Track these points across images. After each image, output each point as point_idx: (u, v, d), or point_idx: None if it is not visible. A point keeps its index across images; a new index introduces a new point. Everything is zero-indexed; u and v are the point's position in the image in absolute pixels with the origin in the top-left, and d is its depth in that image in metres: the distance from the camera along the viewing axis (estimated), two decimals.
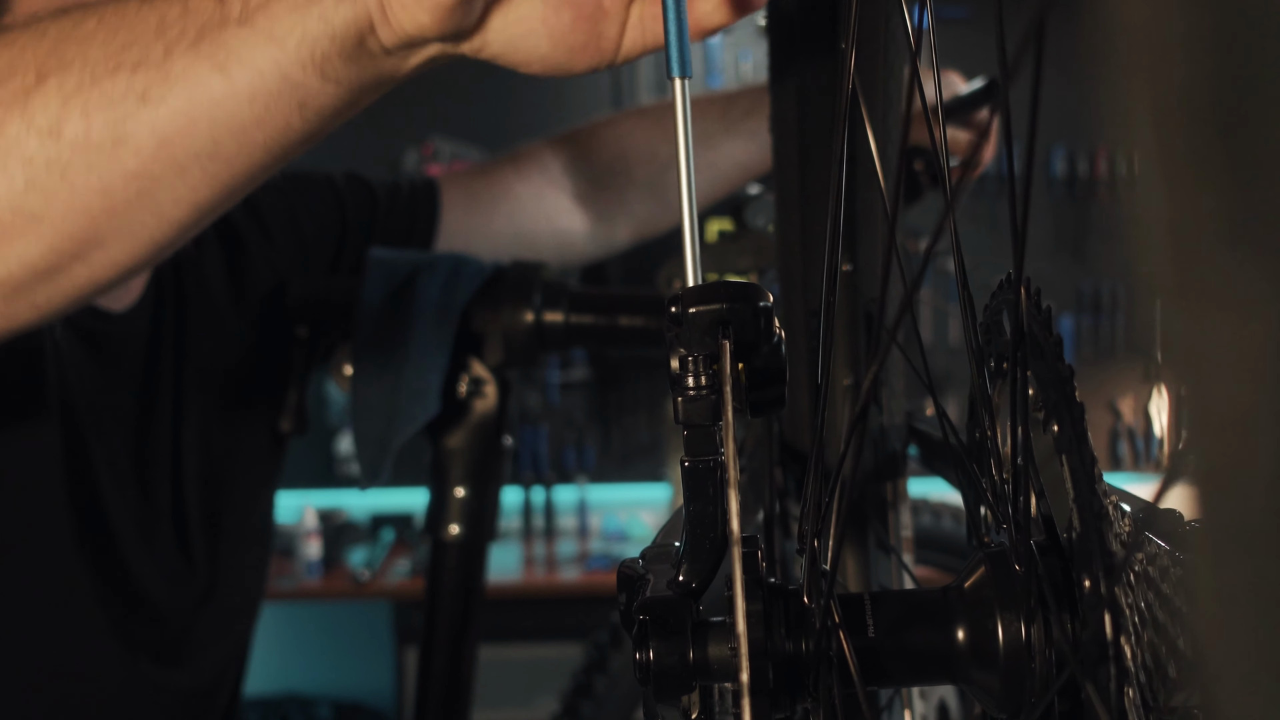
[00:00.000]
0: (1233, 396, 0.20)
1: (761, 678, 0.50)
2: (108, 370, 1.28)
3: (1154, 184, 0.22)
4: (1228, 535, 0.21)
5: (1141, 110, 0.21)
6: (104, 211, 0.84)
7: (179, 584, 1.35)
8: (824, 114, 0.88)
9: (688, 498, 0.52)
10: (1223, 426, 0.21)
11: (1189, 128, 0.20)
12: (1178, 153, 0.21)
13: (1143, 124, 0.21)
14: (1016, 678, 0.50)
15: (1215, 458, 0.21)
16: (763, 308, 0.52)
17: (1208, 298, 0.21)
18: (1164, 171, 0.21)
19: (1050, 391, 0.49)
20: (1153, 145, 0.21)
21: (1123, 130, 0.22)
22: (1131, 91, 0.22)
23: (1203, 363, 0.21)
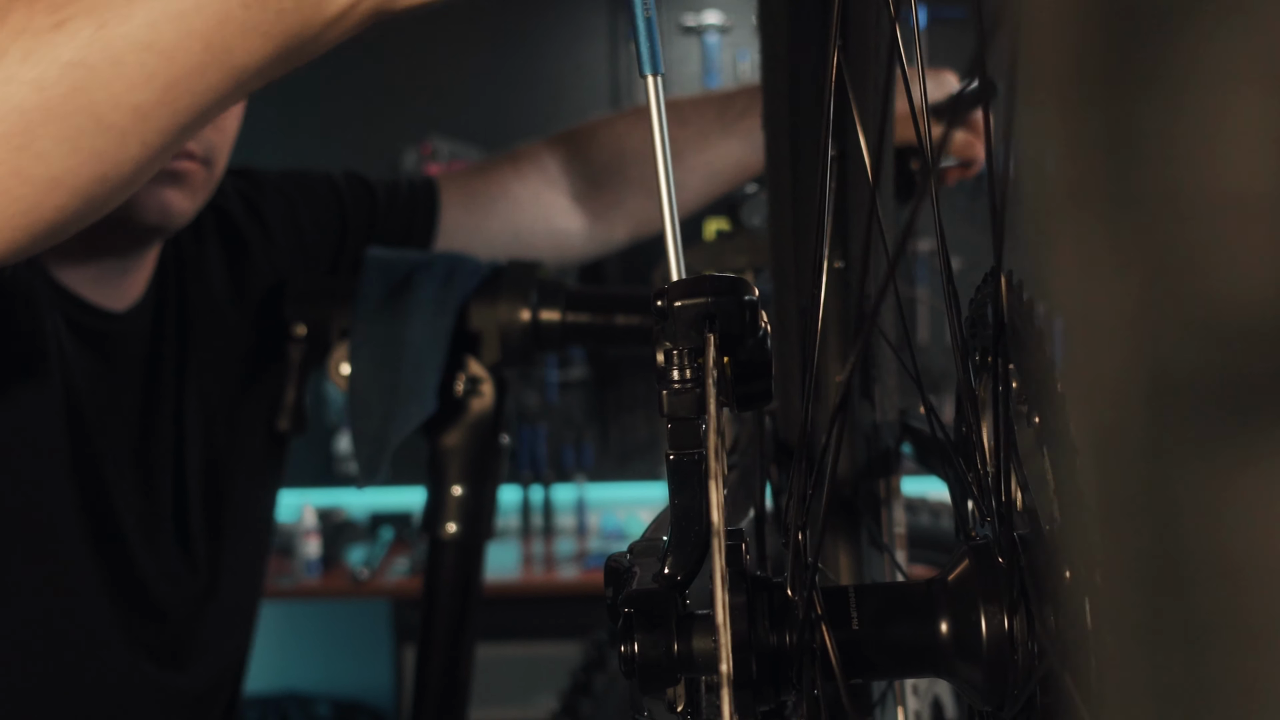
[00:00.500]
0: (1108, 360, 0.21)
1: (744, 670, 0.51)
2: (110, 370, 1.28)
3: (1041, 150, 0.22)
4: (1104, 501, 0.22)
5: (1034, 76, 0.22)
6: (39, 109, 0.79)
7: (181, 583, 1.36)
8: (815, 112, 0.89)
9: (673, 491, 0.53)
10: (1098, 390, 0.21)
11: (1076, 96, 0.21)
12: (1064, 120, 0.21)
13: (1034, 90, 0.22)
14: (999, 670, 0.50)
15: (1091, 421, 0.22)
16: (748, 301, 0.52)
17: (1087, 262, 0.21)
18: (1051, 138, 0.22)
19: (1031, 383, 0.49)
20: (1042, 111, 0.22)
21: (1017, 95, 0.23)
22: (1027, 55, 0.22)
23: (1081, 326, 0.22)
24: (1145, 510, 0.21)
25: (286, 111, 4.26)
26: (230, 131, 1.29)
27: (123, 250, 1.27)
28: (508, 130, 4.06)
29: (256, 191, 1.50)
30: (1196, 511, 0.20)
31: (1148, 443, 0.20)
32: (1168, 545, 0.20)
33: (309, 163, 1.73)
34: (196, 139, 1.22)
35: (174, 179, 1.22)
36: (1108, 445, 0.21)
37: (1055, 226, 0.22)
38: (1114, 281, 0.20)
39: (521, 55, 4.52)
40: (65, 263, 1.24)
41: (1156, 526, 0.20)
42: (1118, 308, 0.20)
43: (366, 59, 4.41)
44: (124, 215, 1.20)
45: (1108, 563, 0.22)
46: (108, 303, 1.28)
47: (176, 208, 1.23)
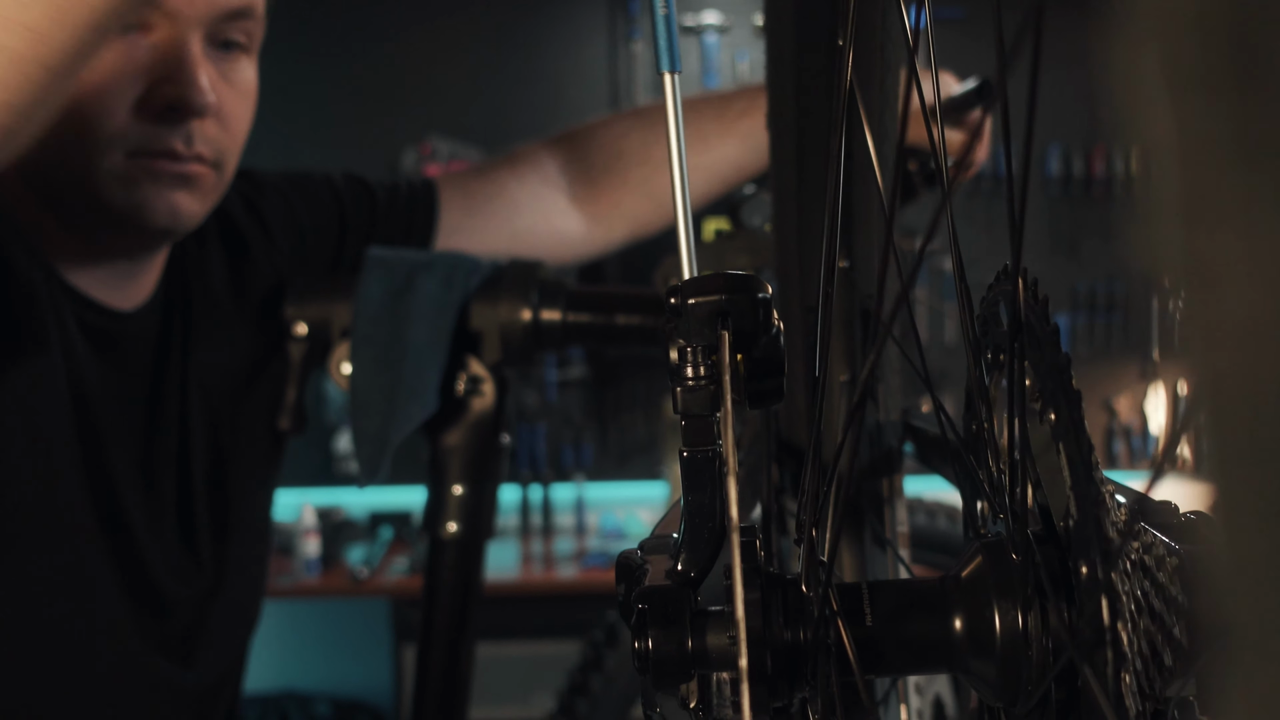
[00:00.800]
0: (1242, 309, 0.21)
1: (760, 666, 0.51)
2: (117, 369, 1.29)
3: (1165, 97, 0.22)
4: (1238, 447, 0.21)
5: (1153, 25, 0.22)
6: None
7: (186, 580, 1.36)
8: (821, 112, 0.89)
9: (686, 488, 0.53)
10: (1233, 339, 0.21)
11: (1201, 40, 0.20)
12: (1190, 65, 0.21)
13: (1154, 37, 0.22)
14: (1014, 666, 0.50)
15: (1226, 369, 0.21)
16: (761, 299, 0.52)
17: (1218, 210, 0.21)
18: (1175, 85, 0.21)
19: (1047, 380, 0.49)
20: (1165, 59, 0.21)
21: (1135, 45, 0.22)
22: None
23: (1212, 276, 0.21)
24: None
25: (286, 111, 4.26)
26: (240, 136, 1.29)
27: (132, 252, 1.28)
28: (507, 130, 4.07)
29: (257, 192, 1.50)
30: None
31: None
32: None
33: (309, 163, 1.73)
34: (208, 143, 1.22)
35: (184, 182, 1.22)
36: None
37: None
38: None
39: (521, 55, 4.52)
40: (76, 263, 1.25)
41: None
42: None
43: (366, 59, 4.42)
44: (135, 217, 1.21)
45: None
46: (117, 303, 1.29)
47: (186, 210, 1.24)
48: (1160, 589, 0.47)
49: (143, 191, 1.20)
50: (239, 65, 1.27)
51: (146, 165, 1.19)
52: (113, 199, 1.19)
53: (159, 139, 1.19)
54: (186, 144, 1.21)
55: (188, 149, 1.21)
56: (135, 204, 1.20)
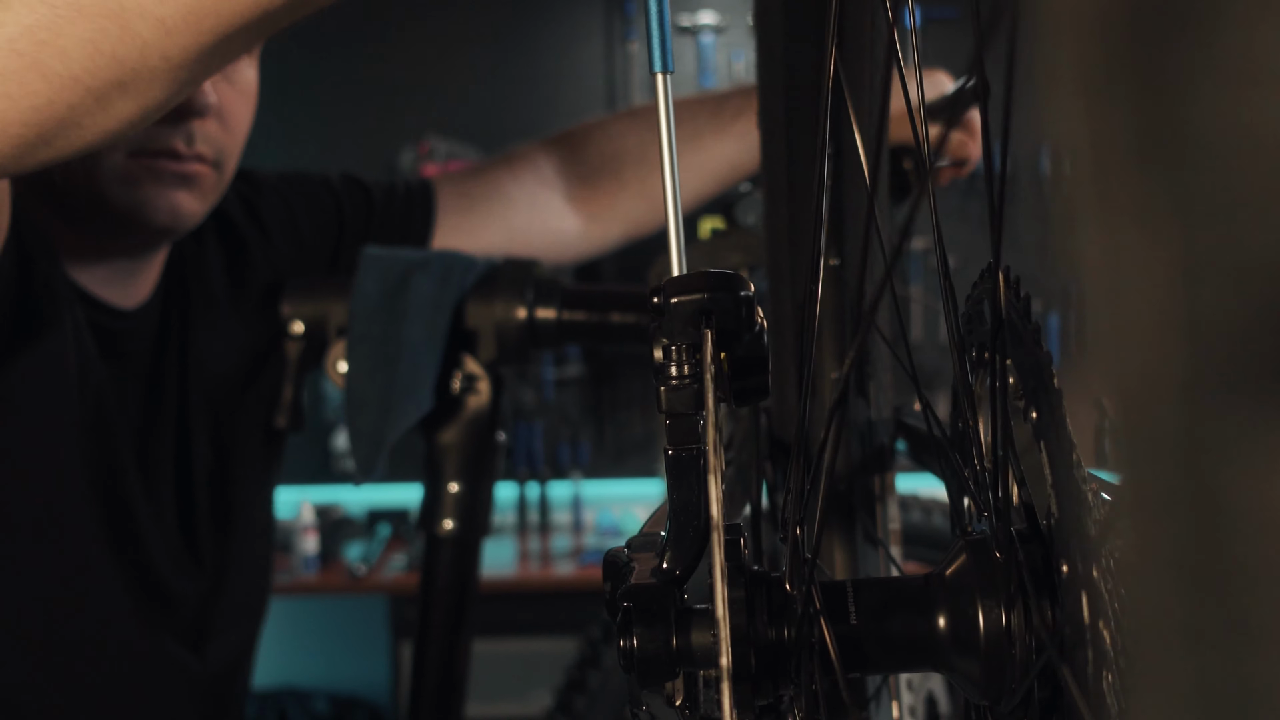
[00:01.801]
0: (1144, 310, 0.21)
1: (743, 664, 0.51)
2: (119, 366, 1.30)
3: (1069, 100, 0.22)
4: (1141, 450, 0.22)
5: (1057, 24, 0.22)
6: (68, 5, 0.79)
7: (188, 577, 1.37)
8: (810, 110, 0.89)
9: (671, 486, 0.53)
10: (1135, 340, 0.21)
11: (1103, 42, 0.21)
12: (1092, 68, 0.21)
13: (1058, 38, 0.22)
14: (997, 664, 0.50)
15: (1128, 372, 0.22)
16: (744, 297, 0.52)
17: (1120, 213, 0.21)
18: (1078, 88, 0.21)
19: (1029, 378, 0.49)
20: (1068, 60, 0.22)
21: (1041, 45, 0.23)
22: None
23: (1116, 277, 0.22)
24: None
25: (284, 111, 4.26)
26: (241, 136, 1.30)
27: (133, 251, 1.29)
28: (504, 129, 4.07)
29: (254, 193, 1.51)
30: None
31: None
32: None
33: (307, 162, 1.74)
34: (209, 143, 1.23)
35: (185, 182, 1.23)
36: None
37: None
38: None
39: (518, 55, 4.52)
40: (80, 261, 1.26)
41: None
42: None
43: (364, 59, 4.42)
44: (136, 216, 1.21)
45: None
46: (118, 301, 1.30)
47: (187, 209, 1.24)
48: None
49: (144, 190, 1.21)
50: (240, 65, 1.28)
51: (148, 164, 1.20)
52: (114, 198, 1.20)
53: (160, 138, 1.20)
54: (187, 143, 1.21)
55: (189, 148, 1.22)
56: (136, 203, 1.21)
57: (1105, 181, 0.21)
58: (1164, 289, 0.20)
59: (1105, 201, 0.21)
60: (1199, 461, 0.20)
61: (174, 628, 1.35)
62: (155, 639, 1.32)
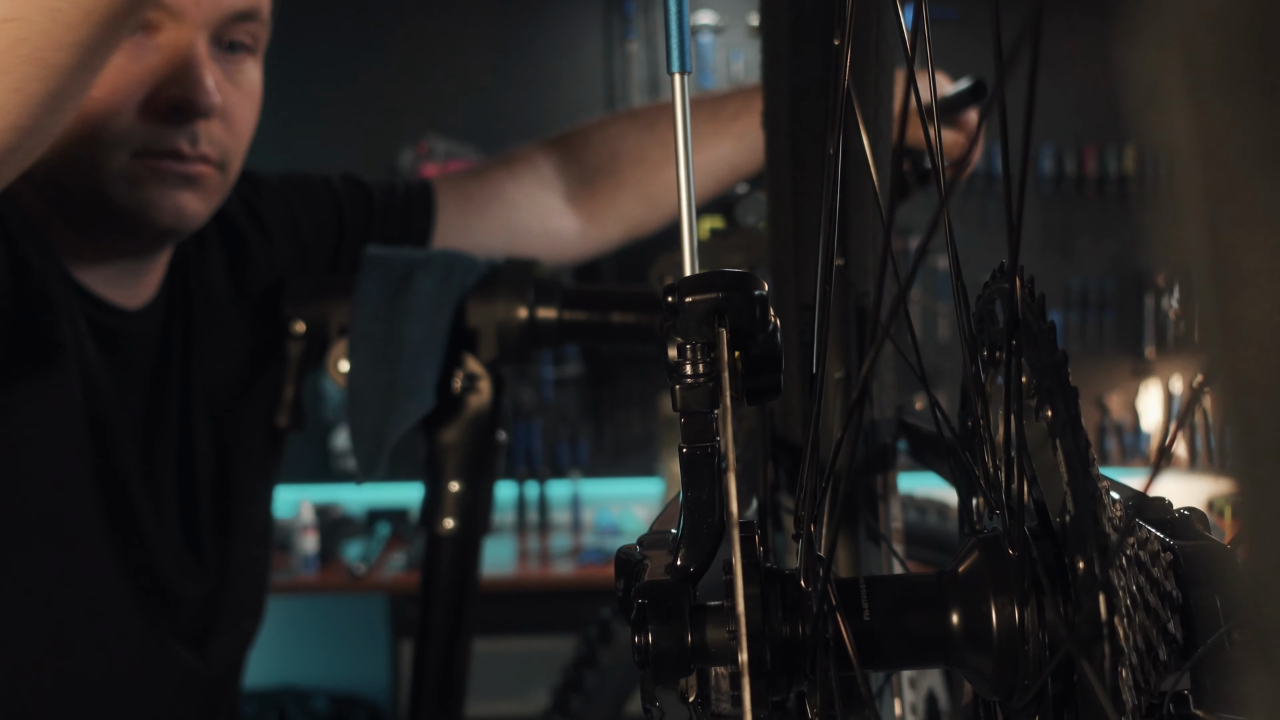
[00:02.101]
0: (1266, 310, 0.21)
1: (759, 660, 0.51)
2: (121, 367, 1.30)
3: (1187, 103, 0.22)
4: (1262, 447, 0.22)
5: (1172, 28, 0.22)
6: None
7: (190, 579, 1.37)
8: (816, 111, 0.89)
9: (685, 484, 0.53)
10: (1257, 339, 0.21)
11: (1222, 45, 0.21)
12: (1209, 71, 0.21)
13: (1173, 42, 0.22)
14: (1010, 660, 0.51)
15: (1251, 371, 0.21)
16: (758, 296, 0.53)
17: (1240, 214, 0.21)
18: (1196, 91, 0.21)
19: (1044, 376, 0.50)
20: (1184, 66, 0.22)
21: (1156, 51, 0.22)
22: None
23: (1235, 277, 0.21)
24: None
25: (284, 112, 4.25)
26: (245, 137, 1.30)
27: (138, 251, 1.29)
28: (503, 130, 4.08)
29: (255, 193, 1.51)
30: None
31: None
32: None
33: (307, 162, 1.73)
34: (213, 144, 1.23)
35: (189, 182, 1.23)
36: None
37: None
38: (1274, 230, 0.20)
39: (518, 56, 4.53)
40: (83, 262, 1.26)
41: None
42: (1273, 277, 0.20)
43: (364, 59, 4.42)
44: (140, 217, 1.21)
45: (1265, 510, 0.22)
46: (122, 301, 1.30)
47: (191, 210, 1.24)
48: (1156, 584, 0.47)
49: (148, 191, 1.20)
50: (244, 67, 1.28)
51: (152, 165, 1.20)
52: (118, 198, 1.20)
53: (164, 139, 1.20)
54: (191, 144, 1.21)
55: (193, 149, 1.22)
56: (140, 203, 1.21)
57: (1223, 184, 0.21)
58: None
59: (1223, 204, 0.21)
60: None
61: (177, 629, 1.35)
62: (159, 641, 1.32)
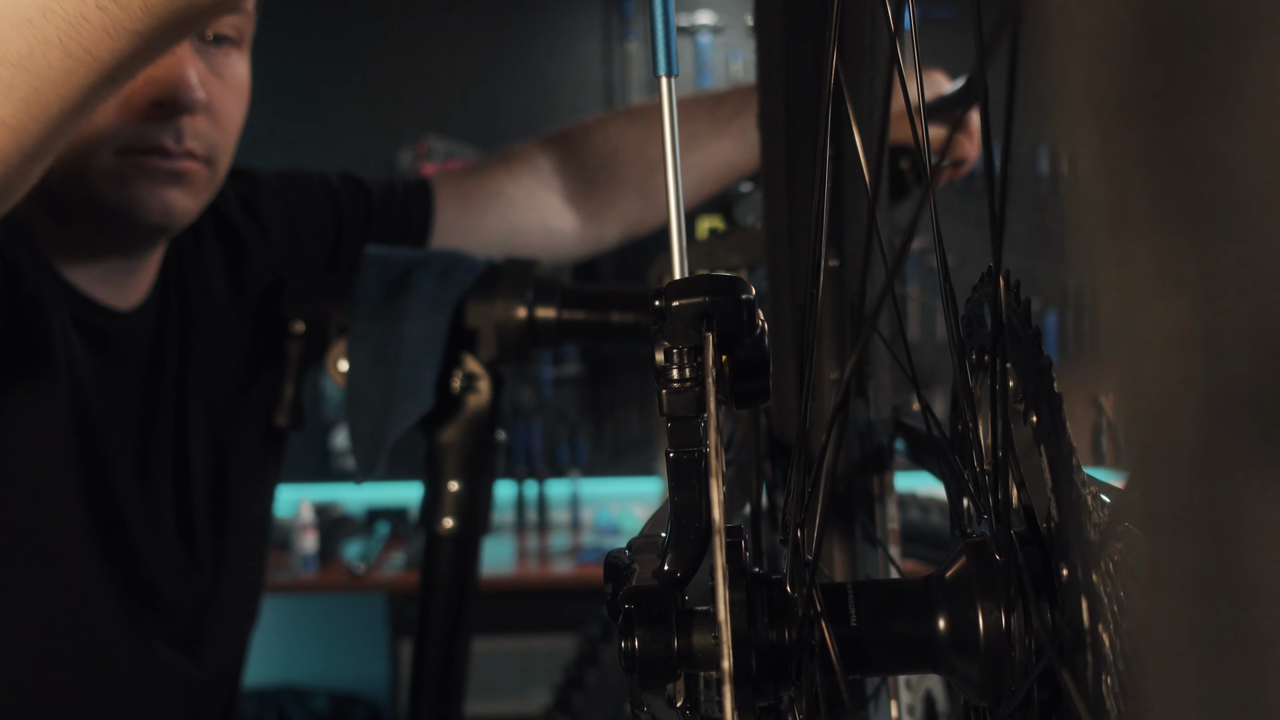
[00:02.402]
0: (1160, 375, 0.21)
1: (744, 666, 0.51)
2: (114, 367, 1.29)
3: (1089, 166, 0.22)
4: (1159, 516, 0.22)
5: (1079, 94, 0.22)
6: None
7: (184, 581, 1.36)
8: (810, 111, 0.89)
9: (672, 488, 0.53)
10: (1151, 405, 0.21)
11: (1124, 111, 0.21)
12: (1112, 136, 0.21)
13: (1080, 107, 0.22)
14: (996, 666, 0.51)
15: (1145, 436, 0.22)
16: (745, 300, 0.52)
17: (1138, 277, 0.21)
18: (1099, 154, 0.22)
19: (1029, 382, 0.49)
20: (1089, 128, 0.22)
21: (1062, 114, 0.23)
22: (1070, 76, 0.22)
23: (1132, 341, 0.22)
24: (1198, 524, 0.21)
25: (283, 110, 4.27)
26: (233, 132, 1.29)
27: (127, 250, 1.28)
28: (502, 129, 4.08)
29: (253, 192, 1.51)
30: (1254, 516, 0.20)
31: (1202, 457, 0.21)
32: (1222, 554, 0.20)
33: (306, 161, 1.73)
34: (199, 139, 1.22)
35: (176, 179, 1.22)
36: (1160, 460, 0.22)
37: (1107, 242, 0.22)
38: (1169, 297, 0.20)
39: (517, 55, 4.53)
40: (73, 261, 1.25)
41: (1210, 540, 0.21)
42: (1172, 322, 0.20)
43: (363, 59, 4.43)
44: (127, 215, 1.21)
45: (1159, 574, 0.22)
46: (114, 301, 1.29)
47: (179, 207, 1.24)
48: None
49: (134, 189, 1.20)
50: (229, 60, 1.27)
51: (137, 162, 1.19)
52: (105, 197, 1.19)
53: (149, 136, 1.19)
54: (176, 140, 1.21)
55: (178, 145, 1.21)
56: (127, 201, 1.20)
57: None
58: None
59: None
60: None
61: (169, 635, 1.35)
62: (149, 648, 1.31)
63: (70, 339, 1.23)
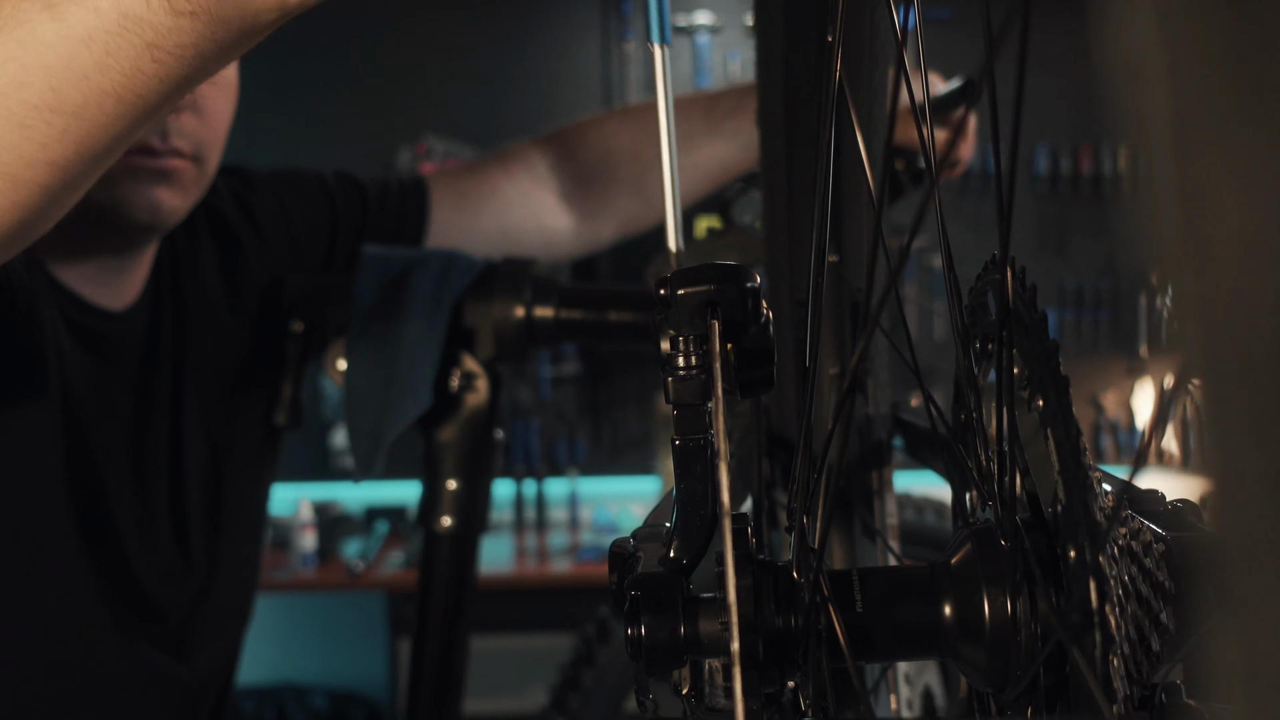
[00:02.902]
0: (1237, 279, 0.21)
1: (751, 651, 0.51)
2: (106, 368, 1.29)
3: (1159, 74, 0.22)
4: (1238, 422, 0.22)
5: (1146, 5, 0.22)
6: None
7: (177, 583, 1.36)
8: (810, 109, 0.89)
9: (678, 476, 0.53)
10: (1228, 312, 0.21)
11: (1194, 17, 0.20)
12: (1183, 44, 0.21)
13: (1148, 14, 0.22)
14: (1002, 651, 0.51)
15: (1223, 344, 0.21)
16: (750, 288, 0.53)
17: (1208, 131, 0.21)
18: (1170, 53, 0.21)
19: (1035, 366, 0.50)
20: (1160, 27, 0.21)
21: (1130, 23, 0.22)
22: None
23: (1210, 248, 0.21)
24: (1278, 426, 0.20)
25: (281, 110, 4.27)
26: (221, 129, 1.29)
27: (117, 249, 1.28)
28: (500, 128, 4.07)
29: (248, 191, 1.50)
30: None
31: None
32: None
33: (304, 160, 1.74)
34: (185, 136, 1.22)
35: (163, 177, 1.22)
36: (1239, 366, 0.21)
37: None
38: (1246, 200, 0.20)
39: (515, 55, 4.53)
40: (63, 261, 1.25)
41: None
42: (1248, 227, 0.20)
43: (362, 58, 4.43)
44: (115, 214, 1.20)
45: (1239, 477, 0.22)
46: (105, 301, 1.29)
47: (167, 206, 1.23)
48: (1147, 574, 0.47)
49: (121, 188, 1.19)
50: None
51: (124, 161, 1.18)
52: (93, 196, 1.19)
53: None
54: (163, 139, 1.20)
55: (164, 144, 1.21)
56: (114, 201, 1.20)
57: (1192, 93, 0.21)
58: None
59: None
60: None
61: (158, 638, 1.34)
62: (137, 651, 1.31)
63: (61, 340, 1.22)
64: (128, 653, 1.30)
